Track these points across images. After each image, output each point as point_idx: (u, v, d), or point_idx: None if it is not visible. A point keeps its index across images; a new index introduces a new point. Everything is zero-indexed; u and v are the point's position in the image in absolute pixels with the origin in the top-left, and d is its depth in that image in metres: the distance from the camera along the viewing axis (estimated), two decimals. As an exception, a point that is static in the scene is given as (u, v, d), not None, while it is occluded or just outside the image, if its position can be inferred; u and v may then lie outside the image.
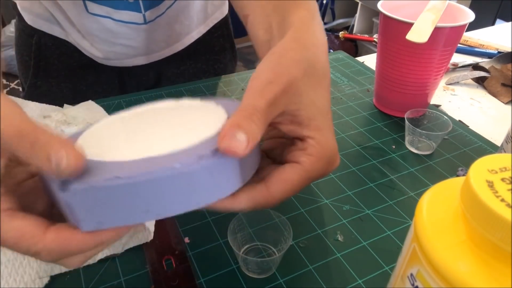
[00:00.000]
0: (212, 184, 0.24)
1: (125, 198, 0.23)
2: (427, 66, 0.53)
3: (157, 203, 0.23)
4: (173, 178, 0.23)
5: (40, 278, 0.34)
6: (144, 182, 0.22)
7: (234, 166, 0.25)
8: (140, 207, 0.23)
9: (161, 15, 0.60)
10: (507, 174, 0.19)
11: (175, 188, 0.23)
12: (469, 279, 0.18)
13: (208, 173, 0.24)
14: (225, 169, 0.25)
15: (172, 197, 0.23)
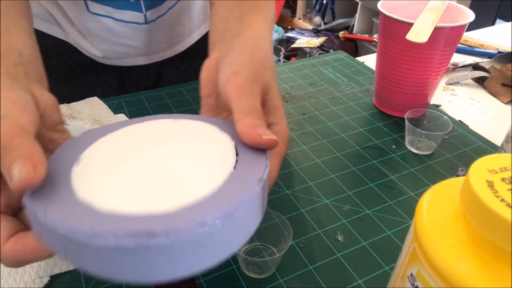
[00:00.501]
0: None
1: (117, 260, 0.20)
2: (427, 66, 0.53)
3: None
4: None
5: (40, 278, 0.34)
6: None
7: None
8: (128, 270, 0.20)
9: (162, 15, 0.60)
10: (507, 174, 0.19)
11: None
12: (469, 279, 0.18)
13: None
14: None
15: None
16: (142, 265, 0.20)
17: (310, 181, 0.46)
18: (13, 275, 0.34)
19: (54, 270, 0.35)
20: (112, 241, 0.19)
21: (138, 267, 0.20)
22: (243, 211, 0.22)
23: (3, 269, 0.35)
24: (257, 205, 0.24)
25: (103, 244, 0.19)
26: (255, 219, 0.24)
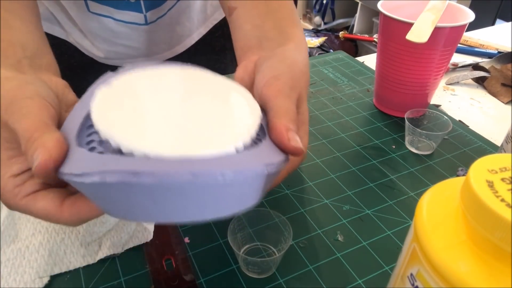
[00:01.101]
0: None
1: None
2: (427, 66, 0.53)
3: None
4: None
5: (40, 278, 0.34)
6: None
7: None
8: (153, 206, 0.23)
9: (162, 16, 0.60)
10: (507, 174, 0.19)
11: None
12: (469, 279, 0.18)
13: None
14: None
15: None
16: (164, 202, 0.22)
17: (310, 181, 0.46)
18: (13, 275, 0.34)
19: (54, 270, 0.35)
20: (134, 179, 0.21)
21: (164, 204, 0.22)
22: (248, 180, 0.23)
23: (3, 269, 0.35)
24: (258, 184, 0.24)
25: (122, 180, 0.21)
26: (250, 195, 0.25)
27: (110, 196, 0.22)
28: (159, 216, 0.23)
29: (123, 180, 0.21)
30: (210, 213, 0.23)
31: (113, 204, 0.23)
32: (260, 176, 0.24)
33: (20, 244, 0.36)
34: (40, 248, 0.36)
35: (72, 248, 0.37)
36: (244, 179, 0.23)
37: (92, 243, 0.37)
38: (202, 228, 0.40)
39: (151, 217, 0.23)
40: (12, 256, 0.35)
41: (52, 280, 0.35)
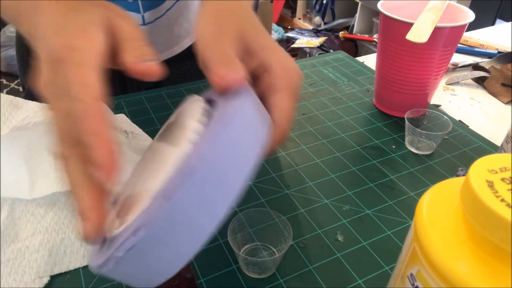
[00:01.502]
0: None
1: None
2: (427, 66, 0.53)
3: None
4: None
5: (40, 278, 0.34)
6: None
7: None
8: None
9: (160, 17, 0.60)
10: (507, 174, 0.19)
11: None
12: (469, 279, 0.18)
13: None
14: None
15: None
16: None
17: (310, 181, 0.46)
18: (13, 275, 0.34)
19: (54, 270, 0.35)
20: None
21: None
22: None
23: (3, 269, 0.35)
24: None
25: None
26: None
27: (134, 266, 0.23)
28: (181, 254, 0.23)
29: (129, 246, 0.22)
30: (219, 210, 0.23)
31: (142, 270, 0.24)
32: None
33: (20, 244, 0.36)
34: (40, 248, 0.36)
35: (72, 248, 0.37)
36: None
37: (92, 243, 0.37)
38: (202, 228, 0.40)
39: (177, 261, 0.24)
40: (12, 256, 0.35)
41: (52, 280, 0.35)
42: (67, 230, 0.38)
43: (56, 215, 0.39)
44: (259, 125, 0.26)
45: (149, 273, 0.23)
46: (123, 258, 0.22)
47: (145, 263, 0.23)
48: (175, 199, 0.21)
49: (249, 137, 0.25)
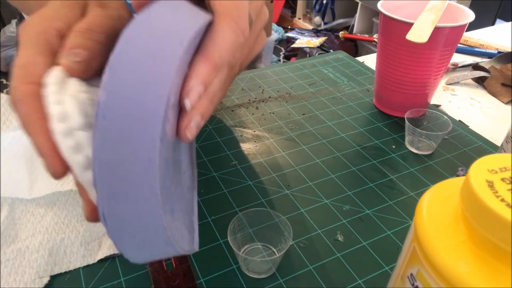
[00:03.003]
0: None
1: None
2: (427, 66, 0.53)
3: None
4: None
5: (40, 278, 0.34)
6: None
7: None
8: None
9: None
10: (507, 174, 0.19)
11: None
12: (469, 279, 0.18)
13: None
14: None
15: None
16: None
17: (310, 181, 0.46)
18: (13, 275, 0.34)
19: (54, 270, 0.35)
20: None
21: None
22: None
23: (3, 269, 0.35)
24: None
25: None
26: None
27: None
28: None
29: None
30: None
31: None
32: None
33: (20, 244, 0.36)
34: (40, 248, 0.36)
35: (72, 248, 0.37)
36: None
37: (92, 243, 0.37)
38: (202, 228, 0.40)
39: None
40: (12, 256, 0.35)
41: (52, 280, 0.35)
42: (67, 230, 0.38)
43: (56, 215, 0.39)
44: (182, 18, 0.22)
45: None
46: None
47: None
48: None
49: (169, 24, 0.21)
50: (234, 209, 0.42)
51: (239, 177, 0.47)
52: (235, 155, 0.50)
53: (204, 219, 0.41)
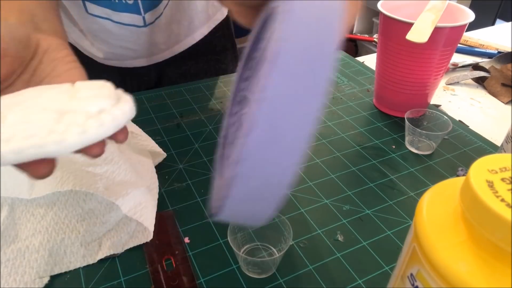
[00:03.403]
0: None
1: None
2: (427, 66, 0.53)
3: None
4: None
5: (40, 278, 0.34)
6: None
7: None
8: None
9: (159, 16, 0.60)
10: (507, 174, 0.19)
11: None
12: (469, 279, 0.18)
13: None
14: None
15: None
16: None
17: (310, 181, 0.46)
18: (13, 275, 0.34)
19: (54, 270, 0.35)
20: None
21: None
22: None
23: (3, 269, 0.35)
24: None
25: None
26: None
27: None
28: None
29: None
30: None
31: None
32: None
33: (20, 244, 0.36)
34: (40, 248, 0.36)
35: (72, 248, 0.37)
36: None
37: (92, 243, 0.37)
38: (202, 228, 0.40)
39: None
40: (12, 256, 0.35)
41: (52, 280, 0.35)
42: (67, 230, 0.38)
43: (56, 215, 0.39)
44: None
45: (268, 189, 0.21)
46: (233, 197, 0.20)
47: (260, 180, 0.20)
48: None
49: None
50: (234, 209, 0.42)
51: (239, 177, 0.47)
52: (235, 155, 0.50)
53: (204, 219, 0.41)
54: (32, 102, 0.24)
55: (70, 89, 0.26)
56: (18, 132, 0.22)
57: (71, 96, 0.25)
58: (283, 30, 0.19)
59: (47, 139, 0.22)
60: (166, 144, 0.51)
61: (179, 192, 0.45)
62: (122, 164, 0.40)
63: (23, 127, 0.22)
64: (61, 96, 0.25)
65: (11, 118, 0.22)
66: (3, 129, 0.22)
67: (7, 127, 0.22)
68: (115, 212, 0.39)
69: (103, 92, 0.25)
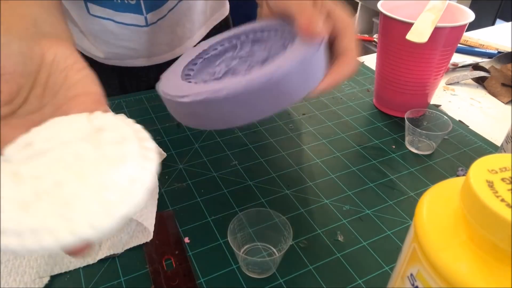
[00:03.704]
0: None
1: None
2: (427, 66, 0.53)
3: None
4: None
5: (40, 278, 0.34)
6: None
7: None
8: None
9: (163, 17, 0.60)
10: (507, 174, 0.19)
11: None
12: (469, 279, 0.18)
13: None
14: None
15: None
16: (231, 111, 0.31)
17: (310, 181, 0.46)
18: (13, 275, 0.34)
19: (54, 270, 0.35)
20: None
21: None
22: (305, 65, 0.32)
23: (3, 269, 0.35)
24: (318, 63, 0.33)
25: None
26: (311, 77, 0.33)
27: (199, 111, 0.31)
28: (238, 120, 0.31)
29: (207, 98, 0.29)
30: (283, 103, 0.32)
31: (201, 117, 0.32)
32: (313, 55, 0.32)
33: (20, 244, 0.36)
34: (40, 248, 0.36)
35: (72, 248, 0.37)
36: (303, 61, 0.31)
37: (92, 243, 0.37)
38: (202, 228, 0.40)
39: (231, 123, 0.31)
40: (12, 256, 0.35)
41: (52, 280, 0.35)
42: (67, 230, 0.38)
43: (56, 215, 0.39)
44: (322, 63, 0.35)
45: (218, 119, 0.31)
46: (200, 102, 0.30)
47: (214, 114, 0.31)
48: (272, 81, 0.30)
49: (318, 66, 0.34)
50: (234, 209, 0.42)
51: (239, 177, 0.47)
52: (235, 155, 0.50)
53: (204, 219, 0.41)
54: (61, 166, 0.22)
55: (91, 130, 0.24)
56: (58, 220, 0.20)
57: (95, 144, 0.23)
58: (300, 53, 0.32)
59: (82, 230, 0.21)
60: (166, 144, 0.51)
61: (179, 192, 0.45)
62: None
63: (63, 213, 0.21)
64: (85, 146, 0.23)
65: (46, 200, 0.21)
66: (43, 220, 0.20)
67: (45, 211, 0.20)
68: (115, 212, 0.39)
69: (126, 132, 0.23)
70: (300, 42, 0.33)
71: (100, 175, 0.21)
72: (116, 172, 0.21)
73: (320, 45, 0.33)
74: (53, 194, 0.21)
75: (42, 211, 0.20)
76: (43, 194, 0.21)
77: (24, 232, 0.20)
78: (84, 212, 0.20)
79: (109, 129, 0.24)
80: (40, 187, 0.21)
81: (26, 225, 0.20)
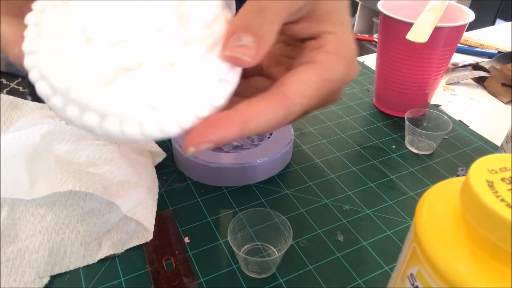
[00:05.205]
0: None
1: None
2: (427, 66, 0.53)
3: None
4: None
5: (40, 278, 0.34)
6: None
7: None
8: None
9: None
10: (507, 174, 0.19)
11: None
12: (469, 279, 0.18)
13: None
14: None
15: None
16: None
17: (310, 181, 0.46)
18: (13, 275, 0.34)
19: (54, 270, 0.35)
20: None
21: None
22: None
23: (3, 269, 0.35)
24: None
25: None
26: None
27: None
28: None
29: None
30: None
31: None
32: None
33: (20, 244, 0.36)
34: (40, 248, 0.36)
35: (72, 248, 0.37)
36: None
37: (92, 243, 0.37)
38: (202, 228, 0.40)
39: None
40: (12, 256, 0.35)
41: (52, 280, 0.35)
42: (67, 230, 0.38)
43: (56, 215, 0.39)
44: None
45: None
46: None
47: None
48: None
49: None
50: (234, 209, 0.42)
51: (239, 177, 0.47)
52: (235, 155, 0.50)
53: (204, 219, 0.41)
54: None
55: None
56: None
57: (182, 20, 0.19)
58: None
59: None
60: (166, 144, 0.51)
61: (179, 192, 0.45)
62: (122, 164, 0.40)
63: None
64: (172, 21, 0.19)
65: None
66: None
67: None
68: (115, 212, 0.39)
69: (214, 10, 0.20)
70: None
71: (189, 65, 0.18)
72: (206, 65, 0.18)
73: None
74: (136, 74, 0.18)
75: (127, 93, 0.18)
76: (124, 70, 0.18)
77: (108, 115, 0.18)
78: (172, 108, 0.18)
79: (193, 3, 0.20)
80: (119, 61, 0.18)
81: (110, 107, 0.18)
